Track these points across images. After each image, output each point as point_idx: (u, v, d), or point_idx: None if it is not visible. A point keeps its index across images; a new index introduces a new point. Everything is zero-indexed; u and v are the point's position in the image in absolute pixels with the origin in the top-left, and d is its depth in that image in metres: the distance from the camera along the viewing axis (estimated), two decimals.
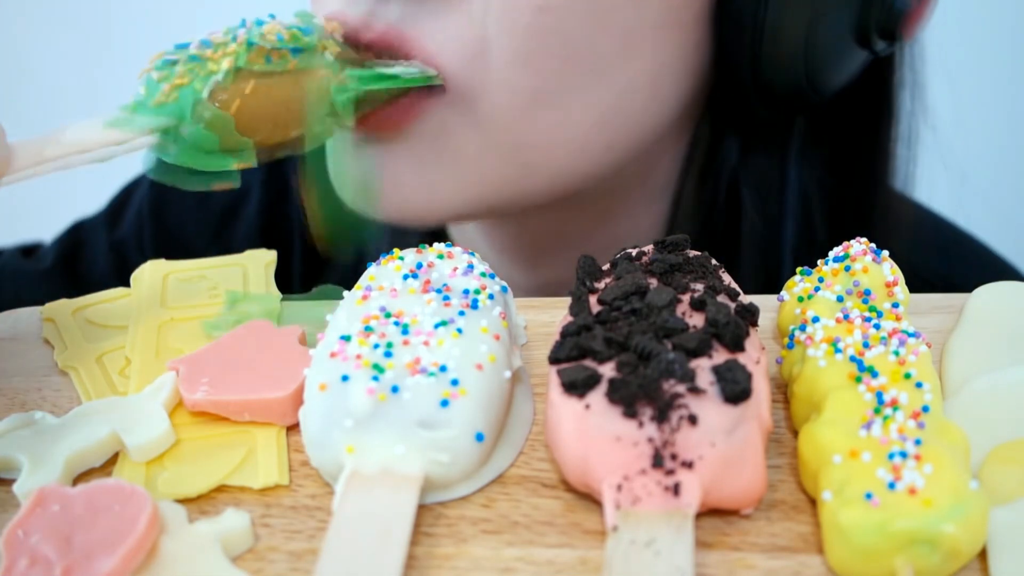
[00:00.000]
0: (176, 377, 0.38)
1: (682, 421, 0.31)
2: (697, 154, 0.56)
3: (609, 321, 0.35)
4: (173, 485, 0.34)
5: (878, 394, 0.33)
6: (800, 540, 0.32)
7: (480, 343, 0.35)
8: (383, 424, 0.33)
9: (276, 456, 0.35)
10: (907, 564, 0.29)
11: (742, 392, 0.32)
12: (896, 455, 0.31)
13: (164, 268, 0.46)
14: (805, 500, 0.33)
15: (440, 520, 0.33)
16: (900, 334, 0.35)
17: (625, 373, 0.33)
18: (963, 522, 0.29)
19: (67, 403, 0.39)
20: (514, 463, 0.35)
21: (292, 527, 0.33)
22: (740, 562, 0.31)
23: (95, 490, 0.33)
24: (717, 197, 0.56)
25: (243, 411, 0.37)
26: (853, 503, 0.30)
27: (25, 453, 0.35)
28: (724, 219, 0.56)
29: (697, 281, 0.37)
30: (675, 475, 0.31)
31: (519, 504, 0.34)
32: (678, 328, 0.34)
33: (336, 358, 0.35)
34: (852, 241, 0.40)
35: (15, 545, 0.31)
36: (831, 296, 0.38)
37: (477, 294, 0.38)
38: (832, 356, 0.35)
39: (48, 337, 0.43)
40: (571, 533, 0.32)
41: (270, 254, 0.46)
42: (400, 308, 0.37)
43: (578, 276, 0.38)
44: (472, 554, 0.32)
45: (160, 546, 0.32)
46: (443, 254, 0.40)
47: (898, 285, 0.38)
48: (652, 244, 0.39)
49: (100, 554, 0.31)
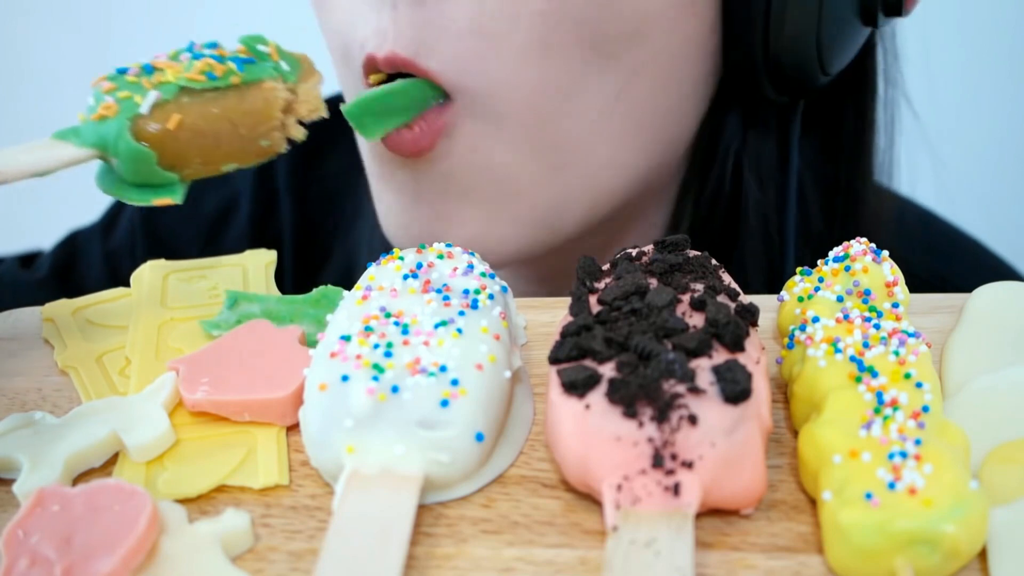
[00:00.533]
0: (176, 377, 0.38)
1: (682, 421, 0.31)
2: (700, 142, 0.56)
3: (609, 321, 0.35)
4: (173, 485, 0.34)
5: (878, 394, 0.33)
6: (800, 540, 0.32)
7: (480, 343, 0.35)
8: (383, 424, 0.33)
9: (276, 456, 0.35)
10: (907, 564, 0.29)
11: (742, 392, 0.32)
12: (896, 455, 0.31)
13: (164, 268, 0.46)
14: (805, 500, 0.33)
15: (440, 520, 0.33)
16: (900, 334, 0.35)
17: (625, 373, 0.33)
18: (963, 522, 0.29)
19: (67, 403, 0.39)
20: (514, 463, 0.35)
21: (292, 527, 0.33)
22: (740, 562, 0.31)
23: (95, 490, 0.33)
24: (722, 185, 0.56)
25: (243, 411, 0.37)
26: (853, 503, 0.30)
27: (25, 453, 0.35)
28: (726, 206, 0.56)
29: (697, 281, 0.37)
30: (675, 475, 0.31)
31: (519, 504, 0.34)
32: (678, 328, 0.34)
33: (336, 358, 0.35)
34: (852, 241, 0.40)
35: (15, 545, 0.31)
36: (831, 296, 0.38)
37: (477, 294, 0.38)
38: (832, 356, 0.35)
39: (48, 337, 0.43)
40: (571, 533, 0.32)
41: (270, 254, 0.46)
42: (400, 308, 0.37)
43: (578, 276, 0.38)
44: (472, 554, 0.32)
45: (160, 546, 0.32)
46: (443, 254, 0.40)
47: (898, 285, 0.38)
48: (652, 244, 0.39)
49: (100, 554, 0.30)
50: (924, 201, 0.68)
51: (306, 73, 0.43)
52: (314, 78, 0.43)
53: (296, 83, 0.42)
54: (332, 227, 0.71)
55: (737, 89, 0.54)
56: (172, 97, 0.39)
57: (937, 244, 0.66)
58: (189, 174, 0.40)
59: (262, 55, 0.42)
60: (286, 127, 0.42)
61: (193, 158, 0.39)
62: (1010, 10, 1.07)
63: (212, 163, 0.40)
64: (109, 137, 0.38)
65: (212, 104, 0.39)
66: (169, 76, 0.39)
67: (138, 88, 0.39)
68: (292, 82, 0.42)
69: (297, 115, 0.42)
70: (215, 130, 0.39)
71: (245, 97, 0.40)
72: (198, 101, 0.39)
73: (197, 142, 0.39)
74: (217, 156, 0.40)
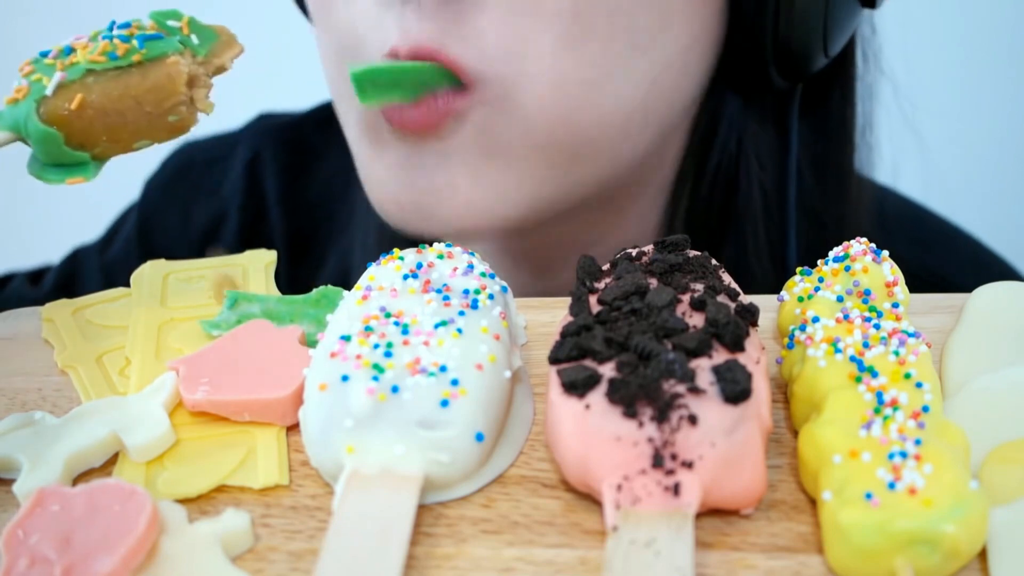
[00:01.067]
0: (176, 377, 0.38)
1: (682, 421, 0.31)
2: (700, 130, 0.56)
3: (609, 321, 0.35)
4: (173, 485, 0.34)
5: (878, 394, 0.33)
6: (800, 540, 0.32)
7: (480, 343, 0.35)
8: (383, 424, 0.33)
9: (276, 456, 0.35)
10: (907, 564, 0.29)
11: (742, 392, 0.32)
12: (896, 455, 0.31)
13: (164, 268, 0.46)
14: (805, 500, 0.33)
15: (440, 520, 0.33)
16: (900, 334, 0.35)
17: (625, 373, 0.33)
18: (963, 522, 0.29)
19: (67, 403, 0.39)
20: (514, 463, 0.35)
21: (292, 527, 0.33)
22: (740, 562, 0.31)
23: (95, 490, 0.33)
24: (719, 171, 0.56)
25: (243, 411, 0.37)
26: (853, 503, 0.30)
27: (25, 453, 0.35)
28: (724, 194, 0.57)
29: (697, 281, 0.37)
30: (675, 475, 0.31)
31: (519, 504, 0.34)
32: (678, 328, 0.34)
33: (336, 358, 0.35)
34: (852, 241, 0.40)
35: (15, 545, 0.31)
36: (831, 296, 0.38)
37: (477, 294, 0.38)
38: (832, 356, 0.35)
39: (48, 337, 0.43)
40: (571, 533, 0.32)
41: (270, 254, 0.46)
42: (400, 308, 0.37)
43: (578, 276, 0.38)
44: (472, 554, 0.32)
45: (160, 546, 0.32)
46: (443, 254, 0.40)
47: (898, 285, 0.38)
48: (652, 244, 0.39)
49: (100, 554, 0.30)
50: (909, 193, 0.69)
51: (224, 45, 0.43)
52: (233, 50, 0.43)
53: (207, 56, 0.42)
54: (325, 234, 0.72)
55: (739, 74, 0.54)
56: (78, 78, 0.39)
57: (931, 240, 0.67)
58: (100, 153, 0.40)
59: (172, 30, 0.41)
60: (195, 101, 0.41)
61: (100, 136, 0.39)
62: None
63: (121, 141, 0.40)
64: (20, 119, 0.39)
65: (115, 83, 0.39)
66: (79, 57, 0.39)
67: (51, 70, 0.39)
68: (202, 55, 0.41)
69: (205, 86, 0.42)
70: (119, 108, 0.39)
71: (148, 74, 0.40)
72: (101, 81, 0.39)
73: (102, 121, 0.39)
74: (125, 134, 0.40)
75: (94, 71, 0.39)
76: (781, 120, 0.57)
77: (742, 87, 0.55)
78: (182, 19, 0.42)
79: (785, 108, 0.57)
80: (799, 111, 0.57)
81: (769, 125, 0.57)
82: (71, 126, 0.39)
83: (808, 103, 0.58)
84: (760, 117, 0.56)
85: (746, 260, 0.57)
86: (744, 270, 0.57)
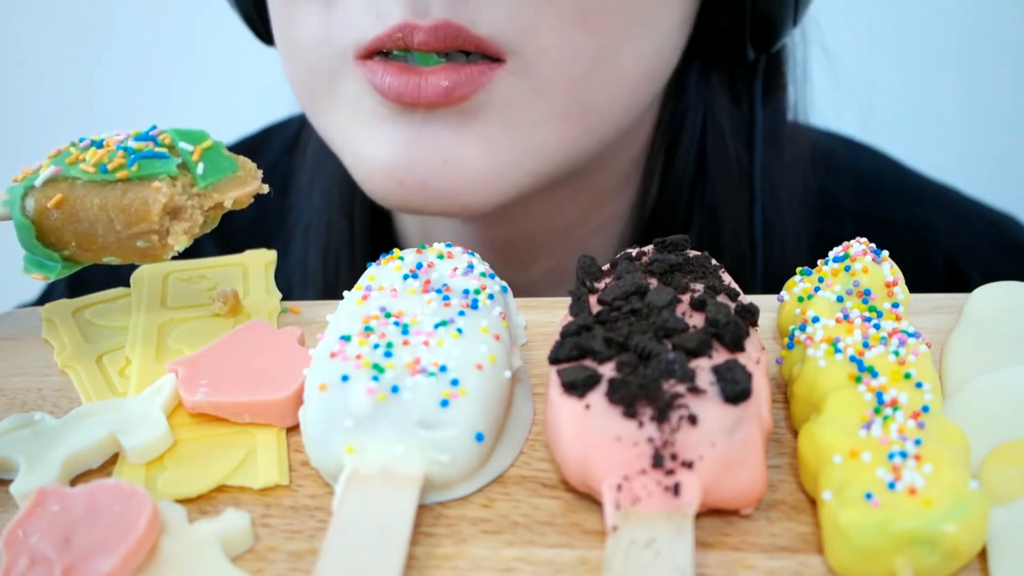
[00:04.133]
0: (175, 379, 0.38)
1: (682, 421, 0.31)
2: (669, 105, 0.58)
3: (609, 321, 0.35)
4: (173, 485, 0.34)
5: (878, 394, 0.33)
6: (800, 540, 0.32)
7: (480, 343, 0.35)
8: (383, 424, 0.33)
9: (276, 456, 0.35)
10: (907, 564, 0.29)
11: (742, 392, 0.32)
12: (896, 455, 0.31)
13: (164, 268, 0.46)
14: (805, 500, 0.33)
15: (440, 520, 0.33)
16: (900, 334, 0.35)
17: (625, 373, 0.33)
18: (963, 522, 0.29)
19: (67, 403, 0.39)
20: (514, 463, 0.35)
21: (292, 527, 0.33)
22: (740, 562, 0.31)
23: (95, 490, 0.33)
24: (690, 147, 0.58)
25: (243, 413, 0.37)
26: (853, 503, 0.30)
27: (22, 454, 0.35)
28: (696, 168, 0.58)
29: (697, 281, 0.37)
30: (675, 475, 0.31)
31: (519, 504, 0.34)
32: (678, 328, 0.34)
33: (336, 358, 0.35)
34: (852, 241, 0.40)
35: (15, 545, 0.31)
36: (831, 296, 0.38)
37: (477, 294, 0.38)
38: (832, 356, 0.35)
39: (48, 337, 0.43)
40: (571, 533, 0.32)
41: (270, 254, 0.46)
42: (400, 308, 0.37)
43: (578, 276, 0.38)
44: (472, 554, 0.32)
45: (160, 546, 0.32)
46: (443, 254, 0.40)
47: (898, 285, 0.38)
48: (652, 244, 0.39)
49: (100, 554, 0.31)
50: None
51: (235, 180, 0.40)
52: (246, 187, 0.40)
53: (207, 188, 0.39)
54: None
55: (714, 47, 0.55)
56: (67, 178, 0.39)
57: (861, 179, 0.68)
58: (70, 256, 0.40)
59: (183, 152, 0.40)
60: (168, 233, 0.39)
61: (69, 241, 0.39)
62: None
63: (91, 251, 0.39)
64: (13, 200, 0.39)
65: (96, 194, 0.38)
66: (86, 157, 0.39)
67: (62, 160, 0.39)
68: (200, 187, 0.39)
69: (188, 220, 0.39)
70: (91, 219, 0.38)
71: (127, 194, 0.38)
72: (84, 188, 0.38)
73: (73, 226, 0.39)
74: (95, 246, 0.39)
75: (81, 178, 0.38)
76: (747, 92, 0.59)
77: (713, 60, 0.56)
78: (201, 142, 0.40)
79: (749, 81, 0.58)
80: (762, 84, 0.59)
81: (734, 98, 0.58)
82: (42, 223, 0.39)
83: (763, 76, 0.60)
84: (728, 90, 0.58)
85: (717, 232, 0.58)
86: (714, 243, 0.58)
